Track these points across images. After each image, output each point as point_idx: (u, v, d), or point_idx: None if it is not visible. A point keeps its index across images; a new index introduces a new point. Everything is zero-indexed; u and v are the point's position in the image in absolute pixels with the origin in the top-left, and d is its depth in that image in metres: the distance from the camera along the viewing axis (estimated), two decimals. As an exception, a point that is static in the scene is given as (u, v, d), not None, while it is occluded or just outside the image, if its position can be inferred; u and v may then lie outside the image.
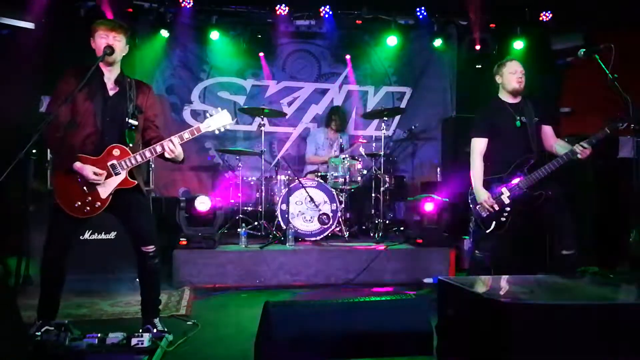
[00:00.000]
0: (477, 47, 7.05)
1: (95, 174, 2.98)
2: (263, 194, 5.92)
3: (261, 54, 7.20)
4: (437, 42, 7.21)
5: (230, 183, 6.42)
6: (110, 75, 3.16)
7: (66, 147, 3.04)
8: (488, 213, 3.69)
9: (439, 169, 7.15)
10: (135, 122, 3.13)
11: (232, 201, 6.26)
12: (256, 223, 5.88)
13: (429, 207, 5.62)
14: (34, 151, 2.54)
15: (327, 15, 6.77)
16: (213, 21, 6.76)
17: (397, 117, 7.58)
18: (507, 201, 3.68)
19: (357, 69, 7.56)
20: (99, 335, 2.89)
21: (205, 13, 6.74)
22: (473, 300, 2.32)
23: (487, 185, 3.75)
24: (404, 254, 5.36)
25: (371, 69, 7.60)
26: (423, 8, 6.84)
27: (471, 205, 3.85)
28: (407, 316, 2.26)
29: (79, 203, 3.01)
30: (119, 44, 3.11)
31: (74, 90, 2.96)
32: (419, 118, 7.48)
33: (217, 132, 3.20)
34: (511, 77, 3.78)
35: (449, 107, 7.68)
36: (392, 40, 7.13)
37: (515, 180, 3.68)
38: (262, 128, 5.92)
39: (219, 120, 3.17)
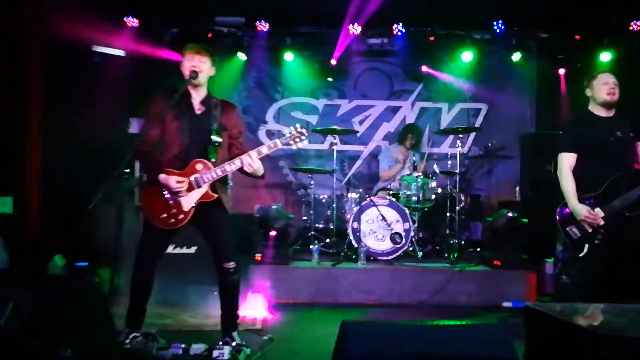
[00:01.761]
0: (560, 61, 6.77)
1: (177, 182, 3.12)
2: (334, 212, 5.96)
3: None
4: (516, 57, 6.99)
5: (303, 201, 6.52)
6: (197, 96, 3.32)
7: (155, 164, 3.21)
8: (585, 232, 3.43)
9: (517, 188, 6.87)
10: (219, 139, 3.25)
11: (305, 218, 6.34)
12: (328, 240, 5.91)
13: (507, 227, 5.41)
14: (126, 170, 2.71)
15: (399, 33, 6.77)
16: (287, 43, 6.95)
17: (473, 134, 7.41)
18: (601, 222, 3.41)
19: (431, 86, 7.48)
20: (182, 345, 3.02)
21: (280, 35, 6.93)
22: (566, 330, 2.18)
23: None
24: (480, 276, 5.19)
25: (445, 86, 7.50)
26: (501, 21, 6.66)
27: (559, 226, 3.60)
28: (490, 342, 2.17)
29: (164, 215, 3.17)
30: (205, 66, 3.26)
31: (163, 111, 3.15)
32: (496, 135, 7.25)
33: (294, 147, 3.26)
34: (602, 88, 3.56)
35: (528, 123, 7.41)
36: (467, 56, 7.00)
37: (611, 200, 3.41)
38: (334, 147, 5.98)
39: (296, 136, 3.24)
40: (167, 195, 3.16)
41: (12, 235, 5.03)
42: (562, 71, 6.97)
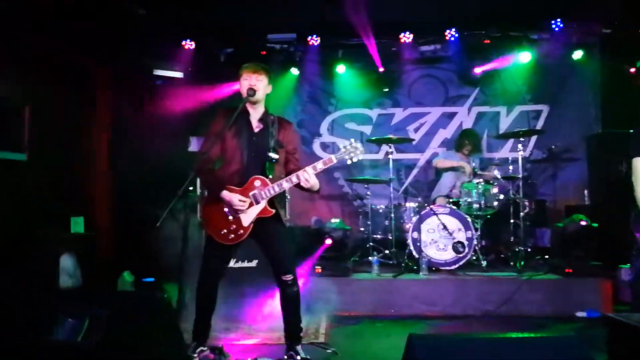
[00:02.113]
0: (626, 57, 6.43)
1: (240, 200, 3.20)
2: (393, 222, 5.89)
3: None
4: (577, 54, 6.72)
5: (360, 211, 6.49)
6: (255, 114, 3.40)
7: (215, 181, 3.30)
8: None
9: (586, 191, 6.55)
10: (276, 156, 3.31)
11: (362, 229, 6.30)
12: (387, 251, 5.84)
13: (576, 233, 5.16)
14: (190, 188, 2.80)
15: (452, 38, 6.66)
16: (339, 55, 7.00)
17: (534, 137, 7.15)
18: None
19: (487, 89, 7.30)
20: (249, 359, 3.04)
21: (331, 48, 6.99)
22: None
23: None
24: (549, 285, 4.97)
25: (502, 88, 7.29)
26: (559, 20, 6.42)
27: (636, 233, 3.41)
28: (569, 355, 2.06)
29: (225, 231, 3.25)
30: (261, 84, 3.34)
31: (223, 129, 3.23)
32: (559, 136, 6.97)
33: (349, 162, 3.26)
34: None
35: (593, 123, 7.07)
36: (524, 57, 6.79)
37: None
38: (390, 156, 5.92)
39: (351, 151, 3.24)
40: (227, 212, 3.24)
41: (84, 253, 5.27)
42: (632, 69, 6.60)
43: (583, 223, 5.24)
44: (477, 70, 7.02)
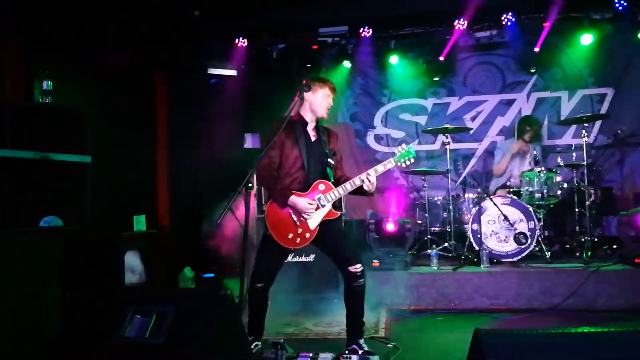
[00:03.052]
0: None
1: (309, 204, 3.27)
2: (451, 214, 5.76)
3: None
4: (643, 34, 6.33)
5: (417, 204, 6.39)
6: (311, 124, 3.51)
7: (279, 188, 3.37)
8: None
9: (656, 177, 6.20)
10: (332, 161, 3.44)
11: (419, 222, 6.20)
12: (446, 244, 5.73)
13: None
14: (249, 185, 2.83)
15: (509, 23, 6.42)
16: (392, 46, 6.90)
17: (599, 122, 6.80)
18: None
19: (547, 74, 7.00)
20: (310, 354, 3.07)
21: (384, 39, 6.90)
22: None
23: None
24: (620, 276, 4.73)
25: (563, 73, 6.97)
26: (623, -1, 6.08)
27: None
28: (650, 352, 1.93)
29: (292, 235, 3.30)
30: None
31: (282, 139, 3.35)
32: (626, 121, 6.58)
33: (403, 165, 3.40)
34: None
35: (661, 106, 6.65)
36: (586, 39, 6.45)
37: None
38: (447, 146, 5.79)
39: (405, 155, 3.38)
40: (294, 216, 3.30)
41: (146, 250, 5.45)
42: None
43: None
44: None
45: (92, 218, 4.20)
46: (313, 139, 3.48)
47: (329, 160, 3.41)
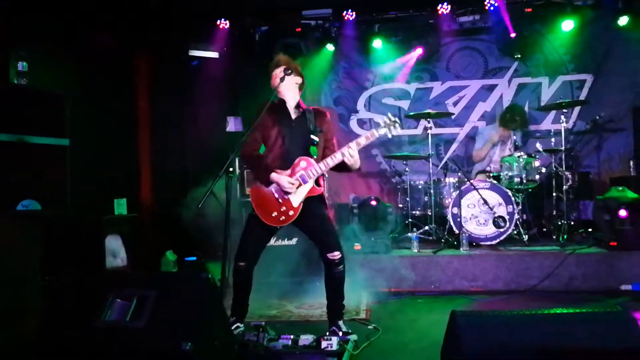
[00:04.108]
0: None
1: (289, 182, 3.27)
2: (432, 198, 5.83)
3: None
4: (623, 21, 6.39)
5: (399, 188, 6.45)
6: (292, 102, 3.48)
7: (261, 166, 3.38)
8: None
9: (631, 162, 6.33)
10: (317, 138, 3.39)
11: (401, 206, 6.27)
12: (427, 227, 5.81)
13: (623, 205, 5.00)
14: (230, 169, 2.84)
15: (492, 8, 6.44)
16: (375, 30, 6.88)
17: (578, 108, 6.90)
18: None
19: (529, 60, 7.05)
20: (291, 336, 3.11)
21: (368, 23, 6.88)
22: None
23: None
24: (594, 259, 4.85)
25: (544, 59, 7.03)
26: (605, -15, 6.14)
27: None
28: (617, 331, 2.01)
29: (275, 213, 3.32)
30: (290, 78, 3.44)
31: (264, 120, 3.36)
32: (604, 107, 6.69)
33: (389, 135, 3.38)
34: None
35: (639, 93, 6.76)
36: (567, 25, 6.52)
37: None
38: (429, 131, 5.83)
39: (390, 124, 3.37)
40: (276, 194, 3.31)
41: (128, 234, 5.44)
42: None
43: (624, 195, 5.06)
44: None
45: (72, 202, 4.18)
46: (294, 116, 3.46)
47: (312, 136, 3.37)
